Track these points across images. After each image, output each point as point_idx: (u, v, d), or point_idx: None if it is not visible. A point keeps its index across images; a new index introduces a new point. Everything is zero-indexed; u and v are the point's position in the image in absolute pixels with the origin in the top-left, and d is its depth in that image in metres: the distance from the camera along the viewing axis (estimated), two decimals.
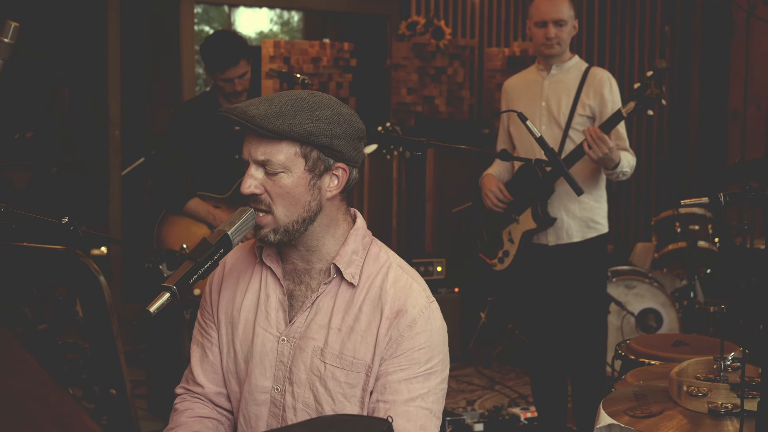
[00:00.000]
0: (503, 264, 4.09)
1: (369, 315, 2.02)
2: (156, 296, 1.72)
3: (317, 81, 6.27)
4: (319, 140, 1.93)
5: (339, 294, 2.05)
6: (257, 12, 9.98)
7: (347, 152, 1.99)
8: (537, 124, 3.99)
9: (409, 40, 6.52)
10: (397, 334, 1.99)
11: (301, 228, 1.99)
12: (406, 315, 1.99)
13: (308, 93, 1.99)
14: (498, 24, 7.07)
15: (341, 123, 1.97)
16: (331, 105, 1.98)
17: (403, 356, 1.99)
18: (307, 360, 2.03)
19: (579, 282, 4.00)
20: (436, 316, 2.04)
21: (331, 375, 2.02)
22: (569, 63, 4.02)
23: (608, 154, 3.66)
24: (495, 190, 4.02)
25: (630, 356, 2.93)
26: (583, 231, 3.98)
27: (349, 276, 2.03)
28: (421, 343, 1.99)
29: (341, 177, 2.01)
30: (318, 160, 1.96)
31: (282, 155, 1.93)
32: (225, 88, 4.04)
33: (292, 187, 1.95)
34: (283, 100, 1.95)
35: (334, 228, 2.05)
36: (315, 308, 2.05)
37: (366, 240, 2.10)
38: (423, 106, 6.63)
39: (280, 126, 1.90)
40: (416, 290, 2.03)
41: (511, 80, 4.21)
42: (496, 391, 5.35)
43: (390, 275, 2.05)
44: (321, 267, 2.06)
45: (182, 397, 2.22)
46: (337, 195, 2.03)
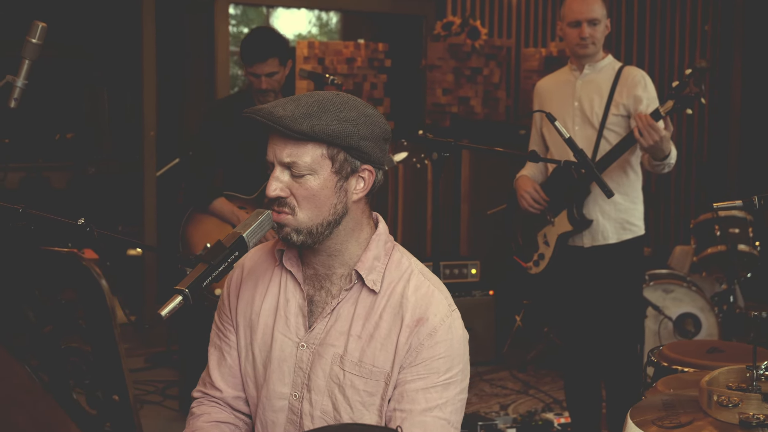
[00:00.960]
0: (538, 267, 4.03)
1: (389, 323, 1.97)
2: (168, 299, 1.69)
3: (351, 82, 6.24)
4: (346, 141, 1.90)
5: (360, 300, 2.00)
6: (295, 14, 10.00)
7: (374, 154, 1.96)
8: (570, 125, 3.93)
9: (445, 41, 6.47)
10: (417, 342, 1.95)
11: (325, 231, 1.95)
12: (427, 323, 1.95)
13: (333, 94, 1.96)
14: (535, 24, 6.99)
15: (368, 124, 1.93)
16: (357, 106, 1.95)
17: (422, 365, 1.95)
18: (327, 367, 1.99)
19: (614, 285, 3.92)
20: (458, 325, 1.99)
21: (350, 383, 1.98)
22: (602, 62, 3.94)
23: (659, 143, 3.58)
24: (531, 191, 3.96)
25: (663, 363, 2.86)
26: (619, 233, 3.90)
27: (371, 283, 1.99)
28: (440, 353, 1.95)
29: (367, 179, 1.97)
30: (345, 162, 1.93)
31: (308, 157, 1.89)
32: (253, 83, 4.04)
33: (318, 190, 1.91)
34: (309, 101, 1.91)
35: (358, 232, 2.01)
36: (335, 315, 2.01)
37: (388, 245, 2.05)
38: (458, 107, 6.57)
39: (307, 127, 1.86)
40: (438, 298, 1.99)
41: (543, 81, 4.15)
42: (531, 396, 5.27)
43: (411, 282, 2.00)
44: (342, 272, 2.02)
45: (199, 401, 2.18)
46: (362, 198, 1.99)
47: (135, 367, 5.68)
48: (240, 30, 10.10)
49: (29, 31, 2.97)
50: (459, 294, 5.72)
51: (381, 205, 6.43)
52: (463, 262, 5.94)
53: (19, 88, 2.98)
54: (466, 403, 2.06)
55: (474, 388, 5.37)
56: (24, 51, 2.97)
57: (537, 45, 6.97)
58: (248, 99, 4.13)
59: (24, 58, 2.96)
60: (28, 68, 2.98)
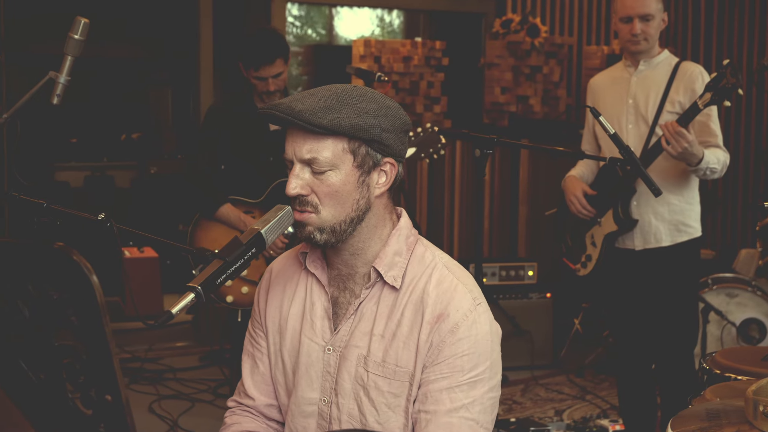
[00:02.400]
0: (586, 269, 3.91)
1: (410, 320, 1.89)
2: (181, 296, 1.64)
3: (408, 80, 6.18)
4: (368, 134, 1.83)
5: (382, 298, 1.93)
6: (358, 15, 9.98)
7: (395, 146, 1.89)
8: (623, 123, 3.81)
9: (503, 38, 6.36)
10: (439, 339, 1.86)
11: (348, 228, 1.88)
12: (448, 319, 1.86)
13: (350, 86, 1.88)
14: (597, 21, 6.84)
15: (389, 116, 1.86)
16: (376, 98, 1.87)
17: (445, 363, 1.86)
18: (352, 369, 1.93)
19: (669, 289, 3.79)
20: (483, 321, 1.89)
21: (374, 384, 1.91)
22: (658, 58, 3.81)
23: (688, 149, 3.44)
24: (580, 195, 3.85)
25: (715, 370, 2.73)
26: (673, 235, 3.76)
27: (391, 279, 1.91)
28: (464, 350, 1.86)
29: (389, 173, 1.90)
30: (366, 156, 1.86)
31: (329, 152, 1.82)
32: (258, 86, 3.96)
33: (340, 186, 1.84)
34: (326, 94, 1.84)
35: (381, 229, 1.94)
36: (359, 315, 1.94)
37: (410, 240, 1.97)
38: (517, 106, 6.46)
39: (328, 121, 1.79)
40: (461, 292, 1.89)
41: (597, 78, 4.03)
42: (587, 402, 5.14)
43: (434, 276, 1.92)
44: (364, 271, 1.95)
45: (232, 411, 2.14)
46: (385, 192, 1.92)
47: (188, 366, 5.70)
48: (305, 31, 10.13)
49: (71, 27, 2.97)
50: (515, 296, 5.63)
51: (437, 204, 6.36)
52: (519, 264, 5.84)
53: (61, 84, 2.99)
54: (519, 407, 1.98)
55: (529, 392, 5.27)
56: (66, 47, 2.97)
57: (599, 43, 6.82)
58: (249, 101, 4.07)
59: (66, 55, 2.97)
60: (71, 64, 2.98)
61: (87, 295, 1.21)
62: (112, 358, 1.24)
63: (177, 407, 4.95)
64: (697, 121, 3.61)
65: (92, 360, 1.26)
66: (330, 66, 7.71)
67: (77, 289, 1.22)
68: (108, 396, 1.26)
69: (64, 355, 1.30)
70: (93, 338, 1.24)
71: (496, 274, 5.76)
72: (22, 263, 1.28)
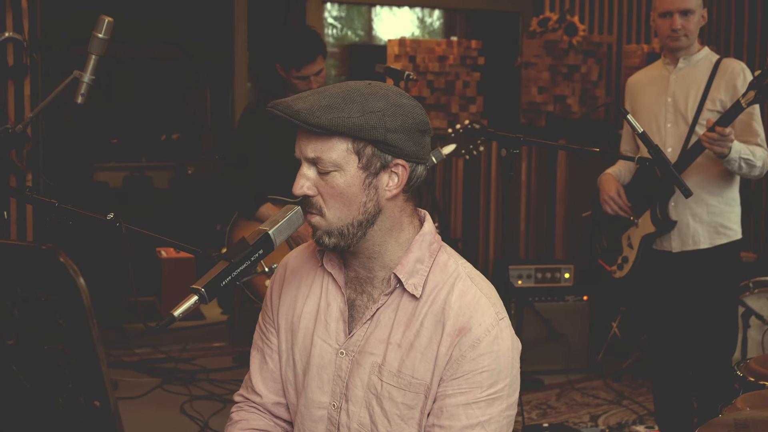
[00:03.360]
0: (622, 271, 3.82)
1: (430, 331, 1.83)
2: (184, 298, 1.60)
3: (443, 80, 6.11)
4: (371, 135, 1.76)
5: (401, 306, 1.86)
6: (397, 15, 9.94)
7: (406, 147, 1.80)
8: (662, 122, 3.71)
9: (541, 37, 6.27)
10: (459, 354, 1.79)
11: (358, 232, 1.81)
12: (470, 333, 1.79)
13: (365, 84, 1.82)
14: (638, 19, 6.71)
15: (397, 115, 1.78)
16: (389, 96, 1.80)
17: (464, 378, 1.79)
18: (365, 377, 1.87)
19: (707, 293, 3.68)
20: (505, 336, 1.82)
21: (388, 394, 1.84)
22: (698, 55, 3.71)
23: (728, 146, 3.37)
24: (614, 195, 3.76)
25: (749, 377, 2.64)
26: (712, 237, 3.66)
27: (411, 287, 1.85)
28: (484, 366, 1.79)
29: (401, 175, 1.82)
30: (373, 157, 1.78)
31: (333, 152, 1.77)
32: (298, 86, 3.92)
33: (345, 187, 1.78)
34: (334, 92, 1.79)
35: (398, 232, 1.86)
36: (375, 321, 1.88)
37: (433, 247, 1.90)
38: (554, 106, 6.36)
39: (326, 121, 1.73)
40: (484, 306, 1.83)
41: (635, 76, 3.94)
42: (624, 407, 5.03)
43: (457, 287, 1.85)
44: (383, 276, 1.88)
45: (239, 406, 2.10)
46: (398, 195, 1.84)
47: (222, 366, 5.69)
48: (345, 32, 10.11)
49: (96, 26, 2.97)
50: (551, 299, 5.54)
51: (473, 204, 6.28)
52: (556, 266, 5.74)
53: (85, 83, 2.98)
54: (554, 412, 1.91)
55: (564, 397, 5.17)
56: (91, 46, 2.97)
57: (639, 41, 6.69)
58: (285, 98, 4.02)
59: (90, 53, 2.97)
60: (95, 63, 2.98)
61: (74, 297, 1.17)
62: (100, 363, 1.20)
63: (208, 408, 4.94)
64: (738, 119, 3.51)
65: (80, 364, 1.22)
66: (366, 66, 7.67)
67: (64, 292, 1.19)
68: (96, 402, 1.22)
69: (53, 360, 1.26)
70: (80, 342, 1.20)
71: (532, 276, 5.67)
72: (10, 264, 1.24)
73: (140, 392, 5.17)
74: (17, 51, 4.72)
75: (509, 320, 1.87)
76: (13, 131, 3.10)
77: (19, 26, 4.74)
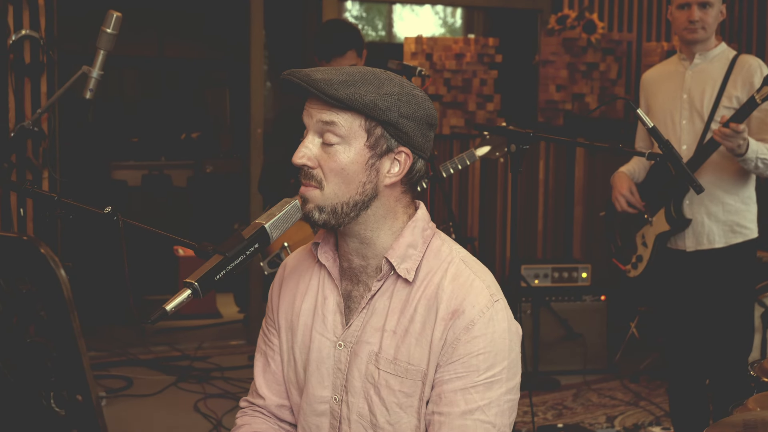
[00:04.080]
0: (637, 270, 3.77)
1: (424, 316, 1.80)
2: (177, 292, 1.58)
3: (460, 78, 6.07)
4: (384, 116, 1.75)
5: (395, 293, 1.84)
6: (418, 14, 9.91)
7: (414, 136, 1.79)
8: (677, 119, 3.66)
9: (559, 35, 6.21)
10: (453, 337, 1.76)
11: (351, 213, 1.79)
12: (463, 316, 1.76)
13: (380, 70, 1.82)
14: (658, 17, 6.64)
15: (411, 103, 1.78)
16: (403, 84, 1.80)
17: (459, 362, 1.76)
18: (362, 366, 1.84)
19: (721, 292, 3.62)
20: (501, 318, 1.79)
21: (385, 383, 1.82)
22: (714, 51, 3.65)
23: (742, 145, 3.30)
24: (626, 193, 3.71)
25: (762, 378, 2.59)
26: (727, 236, 3.60)
27: (404, 271, 1.82)
28: (479, 348, 1.75)
29: (403, 163, 1.80)
30: (381, 138, 1.78)
31: (346, 123, 1.76)
32: None
33: (347, 163, 1.76)
34: (351, 71, 1.78)
35: (392, 221, 1.84)
36: (371, 309, 1.86)
37: (427, 233, 1.87)
38: (572, 104, 6.31)
39: (343, 94, 1.72)
40: (477, 287, 1.79)
41: (649, 72, 3.88)
42: (641, 408, 4.98)
43: (450, 271, 1.82)
44: (377, 263, 1.86)
45: (243, 411, 2.08)
46: (397, 184, 1.82)
47: (237, 365, 5.69)
48: (365, 31, 10.09)
49: (104, 21, 2.96)
50: (568, 299, 5.49)
51: (490, 204, 6.24)
52: (573, 266, 5.69)
53: (94, 79, 2.98)
54: (570, 412, 1.87)
55: (581, 397, 5.12)
56: (99, 41, 2.96)
57: (659, 39, 6.62)
58: None
59: (99, 49, 2.96)
60: (103, 59, 2.97)
61: (54, 289, 1.15)
62: (81, 357, 1.18)
63: (222, 406, 4.93)
64: (754, 116, 3.45)
65: (62, 358, 1.20)
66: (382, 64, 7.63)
67: (45, 283, 1.16)
68: (79, 396, 1.20)
69: (35, 353, 1.24)
70: (61, 335, 1.18)
71: (549, 275, 5.63)
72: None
73: (154, 390, 5.17)
74: (34, 48, 4.73)
75: (506, 303, 1.83)
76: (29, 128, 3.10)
77: (36, 24, 4.76)
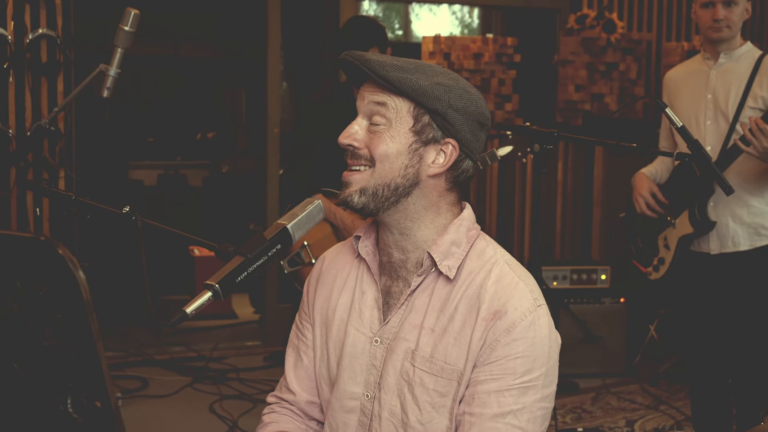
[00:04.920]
0: (658, 273, 3.71)
1: (464, 315, 1.77)
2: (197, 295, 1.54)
3: (479, 77, 6.02)
4: (433, 104, 1.75)
5: (436, 290, 1.81)
6: (437, 15, 9.87)
7: (462, 131, 1.78)
8: (701, 119, 3.60)
9: (578, 35, 6.16)
10: (493, 338, 1.73)
11: (391, 197, 1.78)
12: (505, 317, 1.73)
13: (439, 66, 1.83)
14: (678, 16, 6.57)
15: (463, 97, 1.77)
16: (459, 80, 1.80)
17: (496, 364, 1.72)
18: (398, 363, 1.81)
19: (746, 296, 3.56)
20: (543, 324, 1.75)
21: (419, 381, 1.78)
22: (740, 50, 3.59)
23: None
24: (646, 194, 3.65)
25: None
26: (752, 239, 3.54)
27: (445, 268, 1.79)
28: (518, 352, 1.72)
29: (449, 155, 1.79)
30: (427, 126, 1.77)
31: (393, 107, 1.76)
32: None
33: (391, 144, 1.77)
34: (408, 60, 1.81)
35: (434, 215, 1.82)
36: (410, 305, 1.83)
37: (471, 233, 1.84)
38: (591, 105, 6.24)
39: (395, 77, 1.73)
40: (521, 291, 1.76)
41: (673, 71, 3.82)
42: (661, 412, 4.92)
43: (494, 272, 1.79)
44: (417, 258, 1.83)
45: (271, 408, 2.03)
46: (441, 178, 1.80)
47: (253, 366, 5.65)
48: None
49: (122, 19, 2.93)
50: (587, 301, 5.43)
51: (508, 205, 6.19)
52: (592, 267, 5.63)
53: (111, 77, 2.94)
54: (589, 416, 1.83)
55: (600, 401, 5.06)
56: (117, 39, 2.93)
57: (680, 39, 6.56)
58: (348, 92, 3.99)
59: (117, 47, 2.93)
60: (121, 57, 2.93)
61: (72, 291, 1.12)
62: (101, 361, 1.14)
63: (238, 408, 4.89)
64: None
65: (79, 362, 1.16)
66: None
67: (62, 285, 1.13)
68: (98, 402, 1.16)
69: (52, 357, 1.20)
70: (79, 338, 1.14)
71: (567, 277, 5.57)
72: (8, 256, 1.19)
73: (170, 391, 5.14)
74: (51, 48, 4.72)
75: (548, 310, 1.79)
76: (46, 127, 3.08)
77: (53, 23, 4.75)
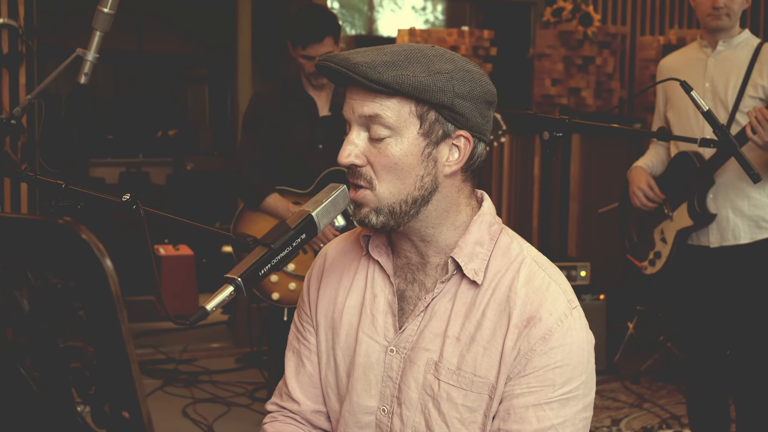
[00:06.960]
0: (654, 267, 3.61)
1: (494, 322, 1.60)
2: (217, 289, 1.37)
3: None
4: (437, 97, 1.53)
5: (459, 295, 1.63)
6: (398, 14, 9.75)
7: (472, 117, 1.57)
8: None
9: (555, 28, 6.06)
10: (527, 347, 1.56)
11: (411, 210, 1.59)
12: (540, 324, 1.56)
13: (428, 46, 1.60)
14: (652, 10, 6.51)
15: (466, 80, 1.56)
16: (455, 59, 1.58)
17: (533, 375, 1.56)
18: (419, 376, 1.64)
19: (746, 290, 3.47)
20: (579, 327, 1.60)
21: (446, 395, 1.61)
22: (738, 38, 3.50)
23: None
24: (644, 187, 3.54)
25: None
26: (753, 232, 3.44)
27: (471, 273, 1.61)
28: (557, 361, 1.56)
29: (463, 148, 1.59)
30: (435, 123, 1.56)
31: (393, 112, 1.54)
32: (305, 66, 3.77)
33: (401, 157, 1.55)
34: (395, 50, 1.55)
35: (455, 214, 1.64)
36: (430, 312, 1.65)
37: (494, 229, 1.67)
38: (568, 99, 6.15)
39: (389, 77, 1.51)
40: (554, 292, 1.60)
41: (668, 59, 3.72)
42: (645, 410, 4.83)
43: (522, 272, 1.62)
44: (438, 262, 1.66)
45: (272, 416, 1.85)
46: (457, 172, 1.61)
47: (225, 368, 5.48)
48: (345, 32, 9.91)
49: (100, 0, 2.75)
50: None
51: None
52: (572, 264, 5.53)
53: (89, 62, 2.76)
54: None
55: None
56: (95, 21, 2.74)
57: (654, 33, 6.49)
58: (297, 83, 3.87)
59: (95, 30, 2.74)
60: (99, 40, 2.75)
61: (98, 283, 0.95)
62: (130, 365, 0.97)
63: (212, 411, 4.72)
64: None
65: (105, 366, 0.99)
66: None
67: (86, 276, 0.96)
68: (125, 412, 0.99)
69: (70, 360, 1.04)
70: (105, 339, 0.98)
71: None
72: (18, 243, 1.02)
73: None
74: (12, 38, 4.54)
75: (581, 311, 1.65)
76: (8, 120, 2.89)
77: (14, 12, 4.57)
